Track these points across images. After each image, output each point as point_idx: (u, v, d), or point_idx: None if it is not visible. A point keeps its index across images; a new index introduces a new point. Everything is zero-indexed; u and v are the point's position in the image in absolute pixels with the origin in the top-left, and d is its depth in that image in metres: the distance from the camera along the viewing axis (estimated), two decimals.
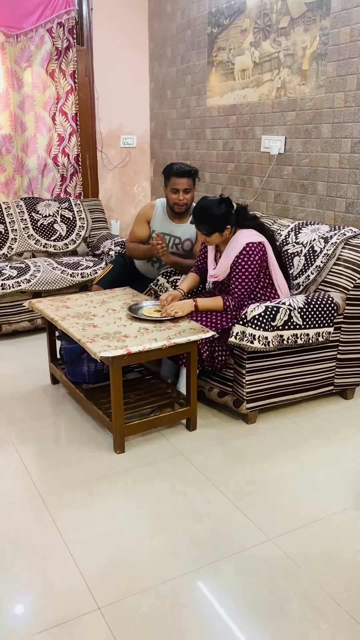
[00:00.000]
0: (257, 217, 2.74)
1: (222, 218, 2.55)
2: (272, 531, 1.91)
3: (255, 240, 2.58)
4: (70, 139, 4.59)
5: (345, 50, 3.01)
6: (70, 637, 1.51)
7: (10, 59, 4.22)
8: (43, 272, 3.78)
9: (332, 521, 1.97)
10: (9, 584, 1.69)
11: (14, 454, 2.38)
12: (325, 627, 1.54)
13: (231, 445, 2.46)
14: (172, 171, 2.99)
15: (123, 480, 2.20)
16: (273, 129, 3.60)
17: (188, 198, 3.03)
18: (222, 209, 2.55)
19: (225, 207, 2.56)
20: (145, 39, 4.82)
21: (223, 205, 2.55)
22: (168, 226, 3.16)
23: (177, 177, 2.97)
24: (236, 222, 2.62)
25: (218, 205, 2.55)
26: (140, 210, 3.29)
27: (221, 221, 2.56)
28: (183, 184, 2.98)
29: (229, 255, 2.61)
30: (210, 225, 2.57)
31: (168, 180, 3.03)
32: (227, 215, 2.56)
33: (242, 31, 3.73)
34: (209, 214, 2.56)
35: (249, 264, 2.56)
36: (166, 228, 3.16)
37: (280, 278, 2.71)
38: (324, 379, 2.76)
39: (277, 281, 2.71)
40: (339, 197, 3.20)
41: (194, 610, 1.60)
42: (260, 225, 2.68)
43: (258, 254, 2.57)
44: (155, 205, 3.21)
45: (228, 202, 2.58)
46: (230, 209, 2.58)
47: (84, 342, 2.31)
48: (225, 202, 2.57)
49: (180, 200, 3.01)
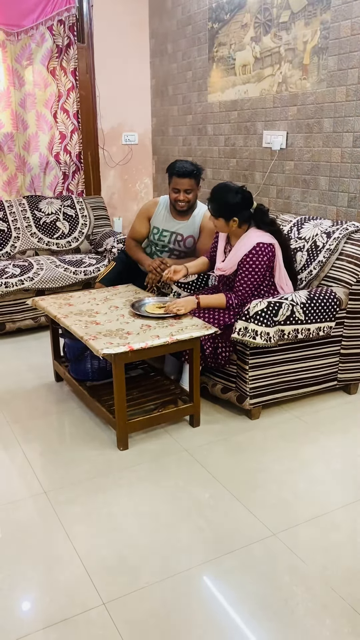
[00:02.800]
0: (276, 222, 2.68)
1: (233, 207, 2.53)
2: (275, 526, 1.92)
3: (267, 241, 2.57)
4: (72, 137, 4.59)
5: (346, 44, 2.99)
6: (75, 632, 1.52)
7: (11, 57, 4.22)
8: (46, 270, 3.78)
9: (335, 516, 1.97)
10: (14, 581, 1.70)
11: (18, 451, 2.39)
12: (329, 621, 1.55)
13: (234, 441, 2.47)
14: (174, 171, 2.98)
15: (127, 477, 2.21)
16: (274, 124, 3.59)
17: (189, 198, 3.03)
18: (236, 198, 2.53)
19: (241, 198, 2.53)
20: (146, 35, 4.81)
21: (239, 196, 2.54)
22: (171, 223, 3.16)
23: (178, 177, 2.97)
24: (249, 221, 2.61)
25: (234, 193, 2.54)
26: (143, 206, 3.29)
27: (230, 209, 2.54)
28: (184, 184, 2.98)
29: (238, 252, 2.61)
30: (218, 207, 2.56)
31: (170, 179, 3.02)
32: (238, 206, 2.54)
33: (242, 26, 3.71)
34: (222, 197, 2.55)
35: (257, 263, 2.56)
36: (169, 225, 3.16)
37: (284, 281, 2.70)
38: (327, 374, 2.75)
39: (280, 280, 2.70)
40: (341, 191, 3.19)
41: (198, 606, 1.61)
42: (277, 232, 2.64)
43: (267, 255, 2.57)
44: (159, 202, 3.21)
45: (245, 196, 2.55)
46: (246, 203, 2.55)
47: (87, 339, 2.31)
48: (242, 194, 2.54)
49: (181, 201, 3.02)
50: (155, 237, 3.22)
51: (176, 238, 3.17)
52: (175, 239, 3.18)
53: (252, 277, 2.58)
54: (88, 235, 4.40)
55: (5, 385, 3.03)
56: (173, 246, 3.18)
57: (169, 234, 3.18)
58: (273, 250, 2.59)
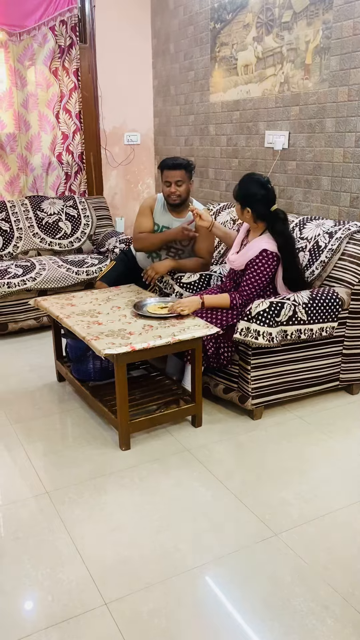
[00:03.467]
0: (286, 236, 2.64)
1: (250, 197, 2.59)
2: (277, 526, 1.92)
3: (271, 249, 2.61)
4: (74, 137, 4.60)
5: (349, 43, 2.99)
6: (77, 632, 1.53)
7: (14, 57, 4.23)
8: (48, 270, 3.79)
9: (337, 516, 1.97)
10: (17, 580, 1.70)
11: (20, 451, 2.40)
12: (331, 621, 1.55)
13: (237, 441, 2.47)
14: (164, 163, 3.03)
15: (129, 477, 2.21)
16: (277, 124, 3.58)
17: (181, 190, 3.02)
18: (258, 190, 2.58)
19: (262, 194, 2.57)
20: (148, 36, 4.81)
21: (262, 191, 2.58)
22: (168, 219, 3.16)
23: (168, 170, 3.00)
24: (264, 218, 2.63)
25: (259, 185, 2.59)
26: (143, 202, 3.26)
27: (247, 198, 2.59)
28: (175, 175, 2.99)
29: (247, 252, 2.65)
30: (238, 191, 2.63)
31: (162, 174, 3.05)
32: (256, 199, 2.58)
33: (244, 26, 3.71)
34: (246, 183, 2.63)
35: (262, 268, 2.61)
36: (166, 221, 3.16)
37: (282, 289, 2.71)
38: (330, 375, 2.75)
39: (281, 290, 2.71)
40: (344, 191, 3.18)
41: (200, 606, 1.61)
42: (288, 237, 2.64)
43: (272, 263, 2.61)
44: (157, 198, 3.21)
45: (269, 193, 2.60)
46: (265, 200, 2.58)
47: (89, 339, 2.31)
48: (265, 190, 2.59)
49: (173, 193, 3.01)
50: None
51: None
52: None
53: (257, 280, 2.62)
54: (90, 235, 4.40)
55: (8, 385, 3.03)
56: (170, 243, 3.17)
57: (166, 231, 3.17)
58: (276, 262, 2.63)
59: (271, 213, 2.63)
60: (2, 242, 4.07)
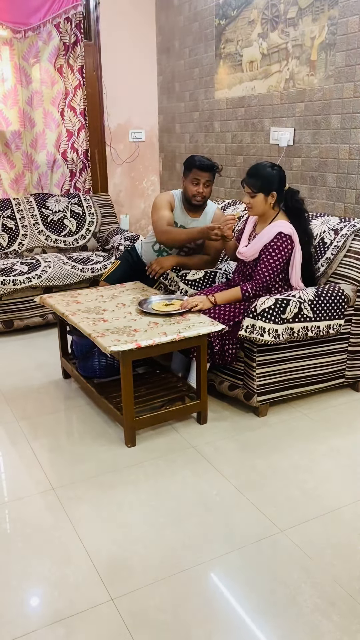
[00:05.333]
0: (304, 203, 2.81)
1: (273, 179, 2.63)
2: (283, 523, 1.92)
3: (287, 232, 2.61)
4: (79, 134, 4.60)
5: (354, 39, 2.98)
6: (83, 628, 1.53)
7: (19, 55, 4.23)
8: (53, 267, 3.80)
9: (343, 513, 1.97)
10: (23, 576, 1.71)
11: (26, 448, 2.40)
12: (337, 618, 1.55)
13: (242, 438, 2.47)
14: (195, 164, 2.97)
15: (134, 473, 2.21)
16: (282, 120, 3.57)
17: (206, 192, 3.02)
18: (275, 170, 2.65)
19: (278, 173, 2.66)
20: (153, 32, 4.80)
21: (276, 169, 2.66)
22: (185, 219, 3.14)
23: (200, 170, 2.95)
24: (283, 200, 2.70)
25: (271, 168, 2.66)
26: (161, 197, 3.15)
27: (270, 182, 2.62)
28: (205, 176, 2.97)
29: (261, 239, 2.65)
30: (259, 181, 2.63)
31: (189, 172, 2.98)
32: (277, 179, 2.64)
33: (249, 22, 3.70)
34: (262, 171, 2.65)
35: (277, 251, 2.60)
36: (181, 220, 3.14)
37: (299, 280, 2.70)
38: (335, 372, 2.75)
39: (297, 282, 2.69)
40: (349, 188, 3.17)
41: (205, 602, 1.61)
42: (305, 212, 2.76)
43: (288, 246, 2.61)
44: (174, 195, 3.16)
45: (281, 171, 2.68)
46: (282, 178, 2.67)
47: (94, 336, 2.32)
48: (278, 169, 2.67)
49: (200, 193, 2.99)
50: None
51: None
52: None
53: (272, 264, 2.60)
54: (95, 232, 4.41)
55: (14, 382, 3.04)
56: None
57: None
58: (292, 243, 2.62)
59: (286, 192, 2.71)
60: (8, 239, 4.08)
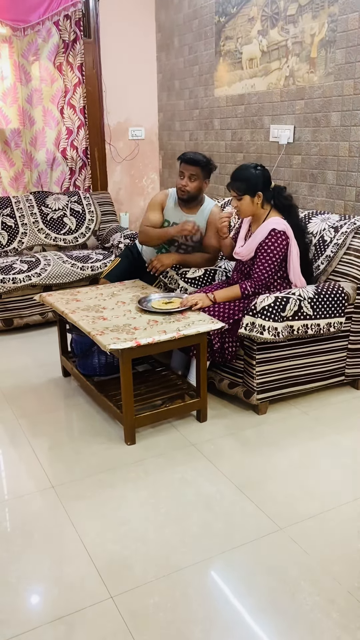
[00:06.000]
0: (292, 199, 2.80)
1: (256, 180, 2.62)
2: (282, 521, 1.92)
3: (281, 228, 2.61)
4: (78, 132, 4.59)
5: (355, 36, 2.97)
6: (83, 625, 1.53)
7: (18, 52, 4.22)
8: (53, 265, 3.79)
9: (343, 511, 1.97)
10: (23, 574, 1.71)
11: (26, 446, 2.41)
12: (336, 615, 1.55)
13: (242, 435, 2.47)
14: (184, 157, 3.02)
15: (134, 471, 2.21)
16: (282, 118, 3.57)
17: (191, 186, 3.00)
18: (257, 172, 2.64)
19: (262, 173, 2.66)
20: (153, 30, 4.79)
21: (259, 171, 2.65)
22: (179, 215, 3.14)
23: (185, 163, 2.99)
24: (270, 201, 2.69)
25: (254, 169, 2.66)
26: (155, 197, 3.22)
27: (255, 183, 2.62)
28: (190, 170, 2.98)
29: (255, 238, 2.65)
30: (242, 184, 2.63)
31: (179, 166, 3.04)
32: (261, 179, 2.63)
33: (249, 19, 3.69)
34: (244, 173, 2.65)
35: (272, 248, 2.60)
36: (177, 217, 3.15)
37: (298, 275, 2.70)
38: (335, 369, 2.75)
39: (295, 278, 2.69)
40: (349, 185, 3.17)
41: (205, 599, 1.61)
42: (294, 207, 2.76)
43: (283, 242, 2.61)
44: (169, 193, 3.18)
45: (265, 171, 2.68)
46: (267, 178, 2.67)
47: (94, 334, 2.32)
48: (262, 169, 2.67)
49: (183, 186, 3.00)
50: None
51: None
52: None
53: (269, 260, 2.61)
54: (95, 231, 4.40)
55: (13, 380, 3.04)
56: (181, 240, 3.17)
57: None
58: (287, 239, 2.61)
59: (272, 190, 2.70)
60: (7, 237, 4.08)
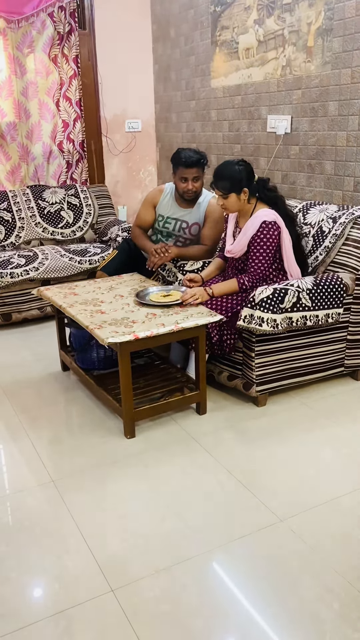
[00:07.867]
0: (277, 189, 2.77)
1: (240, 177, 2.58)
2: (283, 512, 1.92)
3: (271, 219, 2.59)
4: (74, 125, 4.56)
5: (351, 24, 2.94)
6: (84, 619, 1.54)
7: (12, 45, 4.18)
8: (51, 259, 3.78)
9: (342, 502, 1.97)
10: (24, 568, 1.71)
11: (26, 441, 2.40)
12: (337, 606, 1.55)
13: (241, 427, 2.47)
14: (181, 161, 2.95)
15: (134, 465, 2.21)
16: (279, 108, 3.54)
17: (197, 186, 3.01)
18: (240, 168, 2.60)
19: (244, 168, 2.61)
20: (148, 20, 4.75)
21: (242, 166, 2.61)
22: (176, 210, 3.14)
23: (185, 167, 2.95)
24: (255, 194, 2.65)
25: (237, 166, 2.61)
26: (148, 194, 3.28)
27: (239, 180, 2.58)
28: (192, 173, 2.96)
29: (246, 233, 2.63)
30: (227, 183, 2.59)
31: (176, 169, 2.99)
32: (244, 174, 2.59)
33: (245, 8, 3.66)
34: (227, 172, 2.60)
35: (264, 240, 2.58)
36: (174, 212, 3.14)
37: (292, 264, 2.69)
38: (334, 361, 2.74)
39: (289, 267, 2.68)
40: (347, 176, 3.15)
41: (206, 592, 1.62)
42: (280, 198, 2.72)
43: (274, 233, 2.59)
44: (164, 189, 3.18)
45: (247, 165, 2.64)
46: (250, 172, 2.63)
47: (92, 328, 2.31)
48: (244, 165, 2.62)
49: (190, 189, 3.00)
50: (160, 225, 3.20)
51: (181, 225, 3.16)
52: (180, 227, 3.16)
53: (264, 252, 2.59)
54: (92, 224, 4.38)
55: (12, 375, 3.04)
56: (178, 234, 3.16)
57: (173, 222, 3.16)
58: (279, 229, 2.60)
59: (257, 183, 2.66)
60: (4, 232, 4.06)
